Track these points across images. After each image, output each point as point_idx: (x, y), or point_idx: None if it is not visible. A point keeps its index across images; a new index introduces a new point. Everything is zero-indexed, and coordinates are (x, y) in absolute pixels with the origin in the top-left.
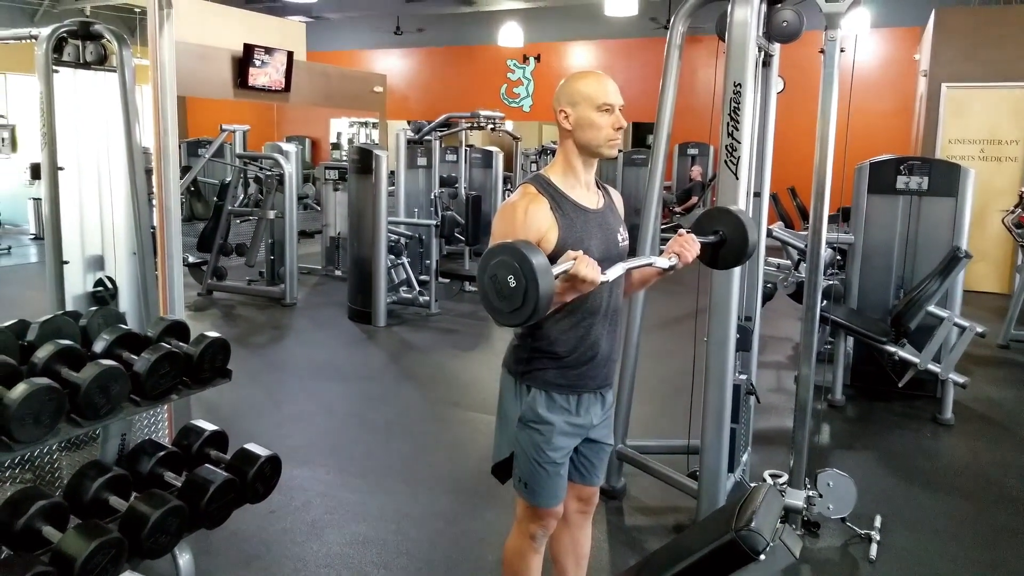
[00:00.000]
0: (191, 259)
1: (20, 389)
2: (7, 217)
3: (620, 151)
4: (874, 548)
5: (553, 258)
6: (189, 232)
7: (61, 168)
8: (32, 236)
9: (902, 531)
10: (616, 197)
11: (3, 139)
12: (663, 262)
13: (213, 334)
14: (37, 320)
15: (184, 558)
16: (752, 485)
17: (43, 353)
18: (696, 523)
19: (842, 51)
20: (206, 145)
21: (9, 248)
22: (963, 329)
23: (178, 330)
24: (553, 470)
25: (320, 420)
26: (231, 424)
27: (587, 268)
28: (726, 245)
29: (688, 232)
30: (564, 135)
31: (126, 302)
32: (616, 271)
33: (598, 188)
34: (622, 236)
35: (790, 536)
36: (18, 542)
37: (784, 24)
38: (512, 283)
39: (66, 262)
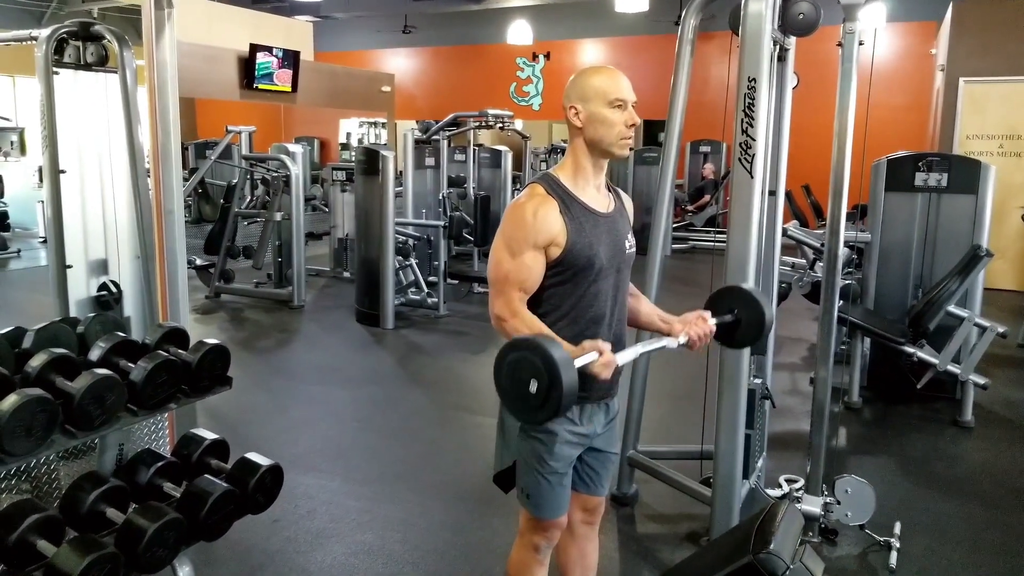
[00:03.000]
0: (198, 261)
1: (11, 400)
2: (17, 220)
3: (631, 149)
4: (894, 556)
5: (560, 263)
6: (197, 234)
7: (63, 171)
8: (42, 239)
9: (922, 538)
10: (627, 202)
11: (12, 142)
12: (673, 343)
13: (212, 341)
14: (33, 327)
15: (184, 570)
16: (767, 492)
17: (37, 362)
18: (711, 542)
19: (861, 45)
20: (214, 147)
21: (19, 251)
22: (984, 329)
23: (177, 337)
24: (556, 481)
25: (326, 425)
26: (236, 430)
27: (607, 370)
28: (742, 325)
29: (702, 314)
30: (574, 133)
31: (131, 306)
32: (628, 356)
33: (609, 191)
34: (630, 243)
35: (811, 558)
36: (11, 557)
37: (800, 16)
38: (534, 388)
39: (69, 266)
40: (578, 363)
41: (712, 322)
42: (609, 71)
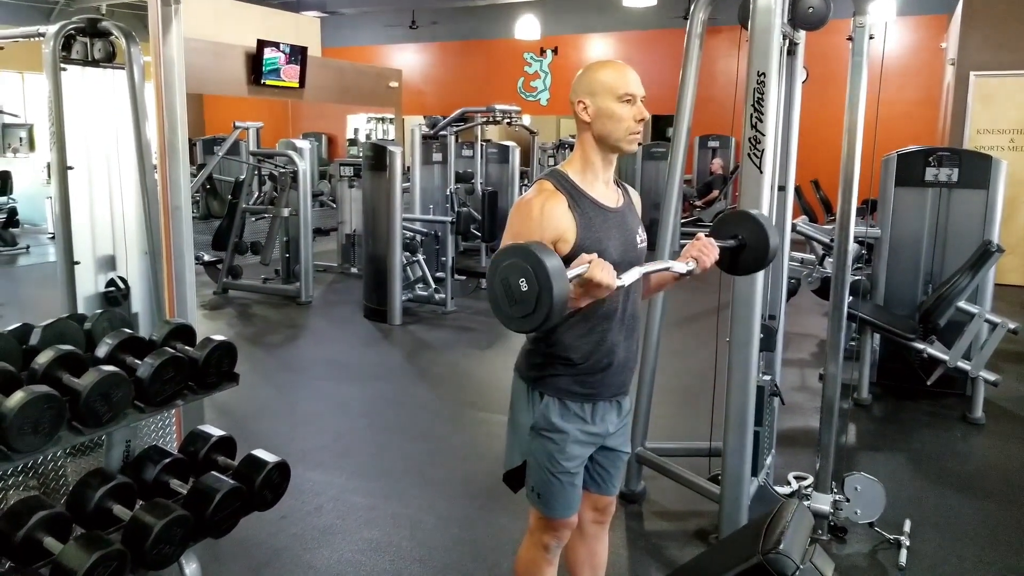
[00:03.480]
0: (206, 257)
1: (17, 397)
2: (26, 216)
3: (639, 144)
4: (904, 554)
5: (569, 259)
6: (205, 230)
7: (71, 167)
8: (50, 235)
9: (933, 536)
10: (635, 197)
11: (21, 139)
12: (680, 266)
13: (219, 337)
14: (40, 324)
15: (191, 567)
16: (776, 489)
17: (43, 359)
18: (720, 541)
19: (871, 38)
20: (221, 143)
21: (28, 247)
22: (994, 325)
23: (184, 333)
24: (567, 480)
25: (334, 421)
26: (244, 426)
27: (603, 272)
28: (746, 250)
29: (707, 236)
30: (582, 128)
31: (138, 302)
32: (632, 276)
33: (617, 186)
34: (640, 238)
35: (821, 558)
36: (18, 554)
37: (810, 10)
38: (524, 287)
39: (77, 262)
40: (571, 273)
41: (715, 246)
42: (617, 65)
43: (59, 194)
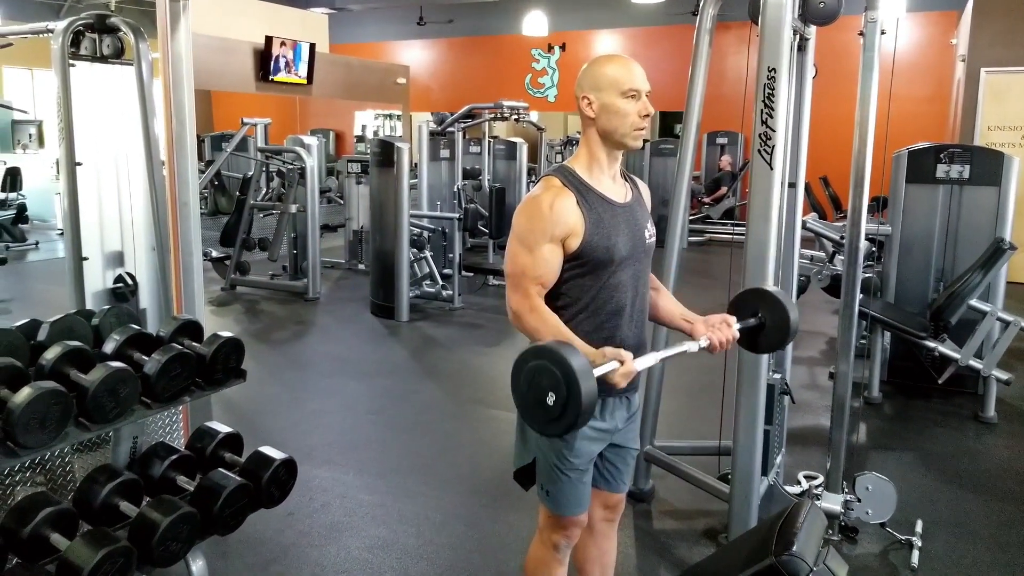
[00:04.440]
0: (214, 253)
1: (25, 393)
2: (35, 212)
3: (646, 140)
4: (916, 555)
5: (578, 256)
6: (213, 226)
7: (79, 163)
8: (59, 231)
9: (945, 536)
10: (644, 190)
11: (30, 135)
12: (694, 346)
13: (226, 334)
14: (48, 320)
15: (197, 564)
16: (786, 488)
17: (51, 355)
18: (731, 542)
19: (883, 34)
20: (229, 139)
21: (36, 243)
22: (1006, 323)
23: (191, 329)
24: (576, 477)
25: (341, 418)
26: (251, 422)
27: (625, 380)
28: (766, 329)
29: (726, 318)
30: (587, 124)
31: (146, 298)
32: (648, 361)
33: (625, 180)
34: (650, 232)
35: (835, 560)
36: (25, 550)
37: (821, 5)
38: (551, 400)
39: (86, 258)
40: (597, 372)
41: (736, 327)
42: (622, 60)
43: (68, 190)
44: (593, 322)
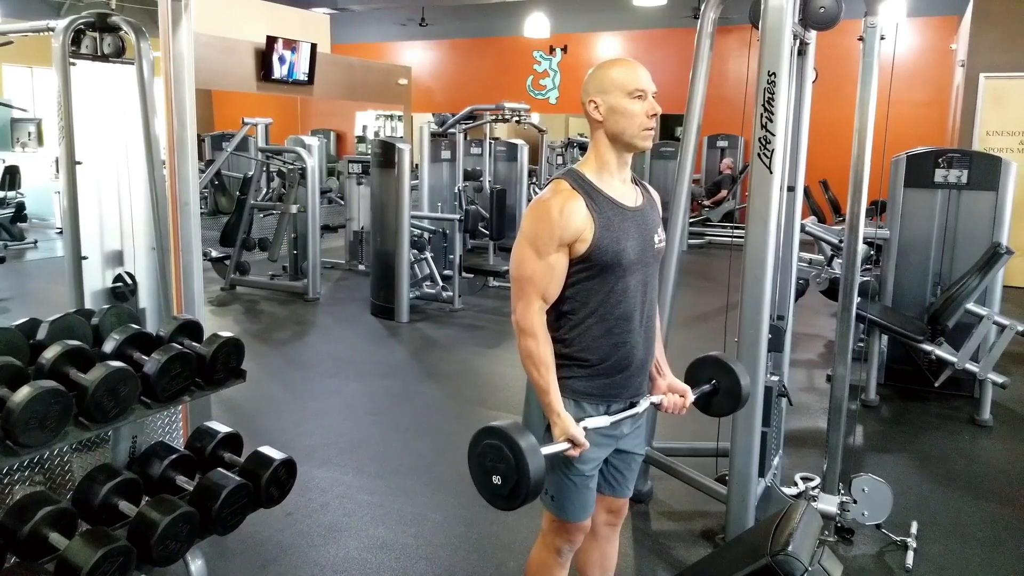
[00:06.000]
0: (214, 253)
1: (24, 392)
2: (34, 211)
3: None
4: (911, 556)
5: (587, 259)
6: (213, 226)
7: (79, 162)
8: (58, 230)
9: (940, 538)
10: (655, 195)
11: (29, 133)
12: (646, 403)
13: (226, 334)
14: (47, 319)
15: (196, 564)
16: (783, 490)
17: (50, 354)
18: (728, 542)
19: (882, 39)
20: (230, 139)
21: (35, 242)
22: (1003, 327)
23: (191, 329)
24: (582, 483)
25: (341, 418)
26: (251, 422)
27: (577, 451)
28: (719, 395)
29: (686, 390)
30: (595, 127)
31: (146, 298)
32: (599, 423)
33: (635, 185)
34: (659, 237)
35: (830, 560)
36: (24, 549)
37: (821, 10)
38: (497, 479)
39: (85, 257)
40: (545, 451)
41: (691, 399)
42: (627, 62)
43: (67, 189)
44: (602, 327)
